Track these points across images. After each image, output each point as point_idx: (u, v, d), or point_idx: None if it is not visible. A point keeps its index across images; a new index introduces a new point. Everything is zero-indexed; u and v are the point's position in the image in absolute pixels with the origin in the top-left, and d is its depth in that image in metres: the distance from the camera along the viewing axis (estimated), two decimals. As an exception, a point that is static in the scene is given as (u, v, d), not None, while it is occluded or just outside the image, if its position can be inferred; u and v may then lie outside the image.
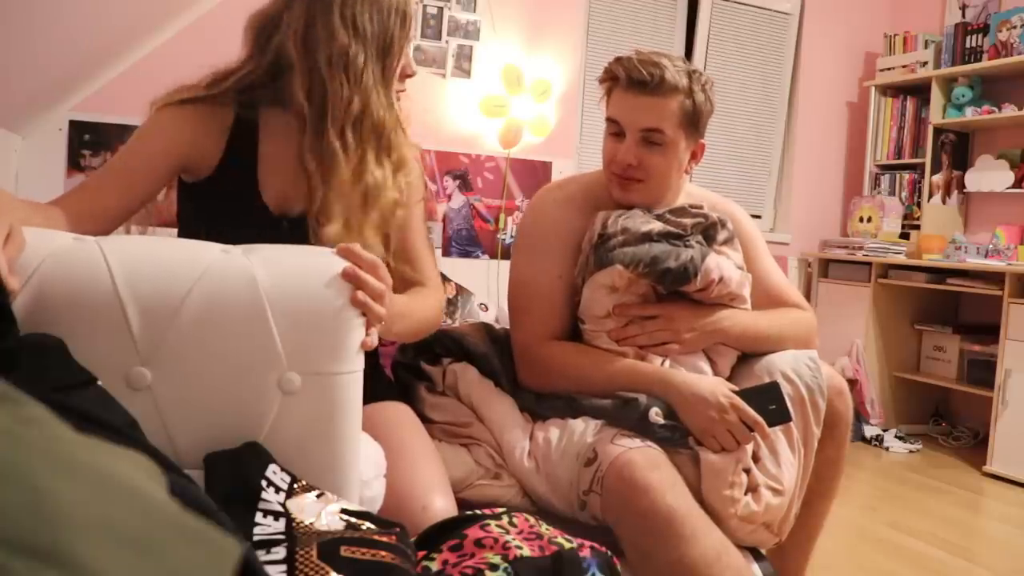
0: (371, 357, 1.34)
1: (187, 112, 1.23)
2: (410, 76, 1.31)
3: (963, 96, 3.78)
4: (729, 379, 1.42)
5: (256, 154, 1.26)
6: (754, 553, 1.32)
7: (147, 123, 1.23)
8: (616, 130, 1.44)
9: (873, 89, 4.14)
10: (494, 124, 3.58)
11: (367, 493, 1.03)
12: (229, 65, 1.28)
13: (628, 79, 1.39)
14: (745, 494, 1.27)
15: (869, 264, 3.77)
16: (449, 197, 3.61)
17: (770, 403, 1.30)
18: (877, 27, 4.30)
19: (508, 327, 1.55)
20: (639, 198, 1.45)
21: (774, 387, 1.32)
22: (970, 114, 3.72)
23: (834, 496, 1.52)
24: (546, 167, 3.75)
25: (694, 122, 1.43)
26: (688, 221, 1.43)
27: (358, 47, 1.18)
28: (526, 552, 0.87)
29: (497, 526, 0.93)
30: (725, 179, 4.12)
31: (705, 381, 1.34)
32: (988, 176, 3.75)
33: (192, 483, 0.76)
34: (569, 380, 1.40)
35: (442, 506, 1.13)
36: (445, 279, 3.07)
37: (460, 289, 3.21)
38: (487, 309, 3.46)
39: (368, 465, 1.04)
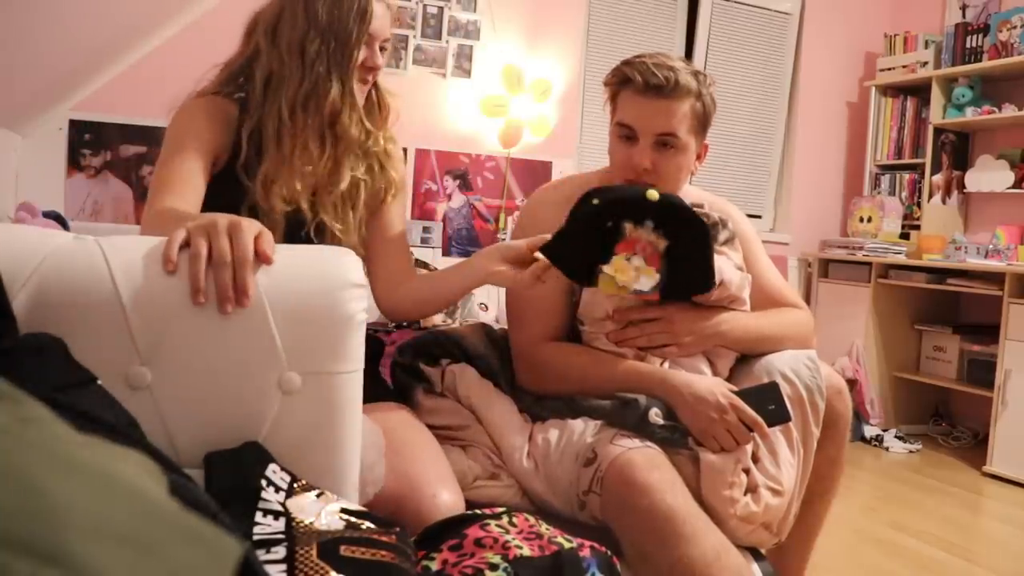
0: (371, 361, 1.34)
1: (200, 103, 1.30)
2: (373, 69, 1.33)
3: (963, 96, 3.78)
4: (728, 379, 1.42)
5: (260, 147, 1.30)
6: (754, 553, 1.32)
7: (174, 122, 1.28)
8: (627, 134, 1.42)
9: (873, 89, 4.14)
10: (494, 124, 3.58)
11: (370, 475, 1.04)
12: (228, 58, 1.36)
13: (644, 83, 1.38)
14: (744, 494, 1.27)
15: (869, 264, 3.77)
16: (449, 197, 3.61)
17: (769, 403, 1.30)
18: (877, 27, 4.30)
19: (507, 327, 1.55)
20: None
21: (773, 387, 1.33)
22: (970, 114, 3.72)
23: (834, 496, 1.52)
24: (546, 167, 3.75)
25: (704, 123, 1.43)
26: (689, 221, 1.43)
27: (314, 35, 1.25)
28: (526, 552, 0.87)
29: (497, 526, 0.93)
30: (725, 179, 4.12)
31: (704, 381, 1.34)
32: (988, 176, 3.75)
33: (192, 483, 0.76)
34: (568, 381, 1.40)
35: (450, 499, 1.13)
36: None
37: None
38: (487, 309, 3.46)
39: (370, 448, 1.05)
